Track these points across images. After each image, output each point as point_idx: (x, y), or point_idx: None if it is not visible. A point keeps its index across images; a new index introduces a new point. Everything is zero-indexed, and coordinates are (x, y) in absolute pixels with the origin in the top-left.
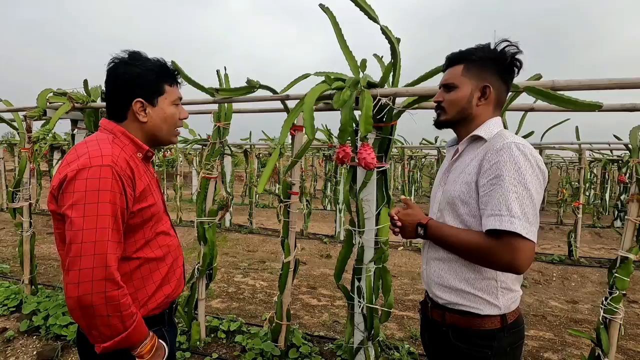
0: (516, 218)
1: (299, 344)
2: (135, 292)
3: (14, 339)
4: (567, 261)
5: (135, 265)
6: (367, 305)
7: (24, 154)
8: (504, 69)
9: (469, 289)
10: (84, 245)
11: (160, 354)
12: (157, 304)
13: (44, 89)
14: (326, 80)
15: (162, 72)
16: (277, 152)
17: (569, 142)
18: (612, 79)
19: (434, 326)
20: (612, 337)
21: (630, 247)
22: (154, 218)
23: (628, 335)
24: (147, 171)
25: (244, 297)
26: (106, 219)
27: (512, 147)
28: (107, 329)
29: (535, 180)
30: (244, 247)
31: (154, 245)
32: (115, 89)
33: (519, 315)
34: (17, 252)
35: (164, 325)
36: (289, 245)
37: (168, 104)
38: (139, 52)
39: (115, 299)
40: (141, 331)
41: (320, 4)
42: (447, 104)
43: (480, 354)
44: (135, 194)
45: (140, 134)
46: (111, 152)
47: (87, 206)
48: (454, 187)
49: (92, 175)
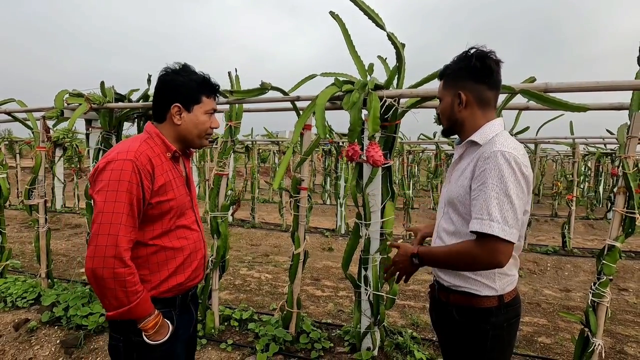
0: (495, 222)
1: (309, 330)
2: (150, 274)
3: (37, 329)
4: (561, 252)
5: (152, 251)
6: (374, 292)
7: (39, 152)
8: (476, 72)
9: (469, 273)
10: (101, 226)
11: (163, 332)
12: (168, 288)
13: (61, 90)
14: (336, 83)
15: (203, 85)
16: (290, 150)
17: (563, 137)
18: (599, 81)
19: (441, 305)
20: (600, 319)
21: (617, 236)
22: (173, 211)
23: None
24: (174, 169)
25: (250, 289)
26: (122, 205)
27: (497, 156)
28: (114, 300)
29: (516, 186)
30: (248, 241)
31: (173, 236)
32: (160, 93)
33: (515, 296)
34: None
35: (175, 309)
36: (299, 238)
37: (202, 113)
38: (189, 65)
39: (121, 275)
40: (145, 308)
41: (331, 12)
42: (440, 115)
43: (481, 328)
44: (153, 188)
45: (173, 135)
46: (136, 149)
47: (108, 193)
48: (454, 188)
49: (116, 167)
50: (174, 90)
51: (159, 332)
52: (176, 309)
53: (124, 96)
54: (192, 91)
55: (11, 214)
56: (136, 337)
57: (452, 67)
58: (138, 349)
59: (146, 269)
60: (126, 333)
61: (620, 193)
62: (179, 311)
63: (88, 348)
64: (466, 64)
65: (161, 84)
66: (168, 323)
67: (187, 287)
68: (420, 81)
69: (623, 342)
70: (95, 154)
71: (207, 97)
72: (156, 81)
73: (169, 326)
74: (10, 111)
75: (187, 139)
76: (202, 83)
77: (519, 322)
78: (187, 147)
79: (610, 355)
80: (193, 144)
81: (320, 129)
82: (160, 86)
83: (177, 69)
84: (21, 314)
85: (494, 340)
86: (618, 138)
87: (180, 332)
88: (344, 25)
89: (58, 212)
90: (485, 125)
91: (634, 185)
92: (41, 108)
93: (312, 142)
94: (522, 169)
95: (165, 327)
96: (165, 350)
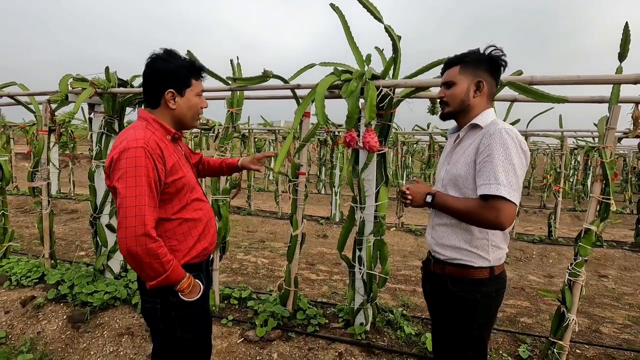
0: (502, 185)
1: (305, 308)
2: (178, 244)
3: (44, 305)
4: (546, 241)
5: (176, 224)
6: (367, 272)
7: (42, 135)
8: (493, 67)
9: (466, 246)
10: (127, 209)
11: (196, 290)
12: (196, 254)
13: (65, 75)
14: (335, 72)
15: (191, 69)
16: (291, 136)
17: (552, 130)
18: (580, 76)
19: (435, 277)
20: (575, 297)
21: (592, 220)
22: (186, 187)
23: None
24: (176, 150)
25: (247, 272)
26: (143, 188)
27: (502, 132)
28: (151, 271)
29: (518, 158)
30: (244, 227)
31: (190, 209)
32: (152, 80)
33: (503, 270)
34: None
35: (202, 272)
36: (297, 220)
37: (193, 95)
38: (174, 50)
39: (153, 250)
40: (178, 273)
41: (331, 4)
42: (449, 98)
43: (472, 297)
44: (166, 169)
45: (169, 119)
46: (143, 136)
47: (128, 179)
48: (456, 167)
49: (130, 155)
50: (166, 77)
51: (192, 291)
52: (203, 272)
53: (126, 81)
54: (183, 76)
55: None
56: (174, 297)
57: (473, 57)
58: (176, 308)
59: (175, 240)
60: (164, 296)
61: (598, 180)
62: (205, 273)
63: (94, 323)
64: (488, 59)
65: (152, 71)
66: (199, 283)
67: (210, 251)
68: (415, 72)
69: (599, 322)
70: (99, 137)
71: (196, 79)
72: (145, 68)
73: (200, 286)
74: (13, 94)
75: (182, 121)
76: (190, 67)
77: (504, 293)
78: (181, 129)
79: (587, 334)
80: (188, 125)
81: (320, 116)
82: (151, 73)
83: (164, 56)
84: (27, 292)
85: (483, 308)
86: (598, 129)
87: (205, 290)
88: (343, 17)
89: (54, 197)
90: (483, 112)
91: (610, 173)
92: (45, 92)
93: (311, 129)
94: (522, 145)
95: (197, 286)
96: (200, 305)
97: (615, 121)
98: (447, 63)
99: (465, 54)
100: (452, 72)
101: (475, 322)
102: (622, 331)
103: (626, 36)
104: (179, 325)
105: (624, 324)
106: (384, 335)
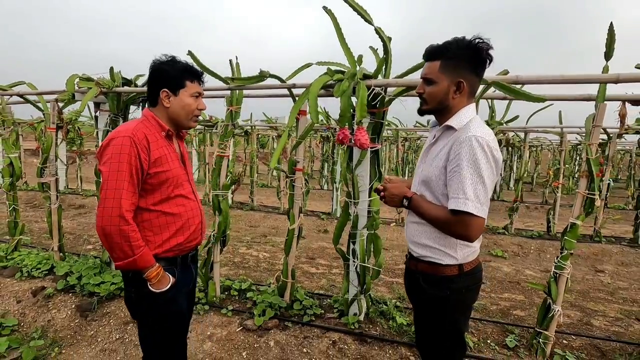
0: (469, 200)
1: (302, 299)
2: (153, 235)
3: (53, 295)
4: (545, 236)
5: (154, 216)
6: (361, 264)
7: (50, 133)
8: (477, 64)
9: (434, 245)
10: (108, 191)
11: (165, 281)
12: (169, 247)
13: (72, 75)
14: (328, 72)
15: (185, 71)
16: (286, 134)
17: (551, 126)
18: (564, 75)
19: (410, 273)
20: (560, 288)
21: (578, 215)
22: (170, 181)
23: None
24: (168, 146)
25: (249, 266)
26: (123, 174)
27: (472, 140)
28: (120, 252)
29: (487, 168)
30: (246, 222)
31: (172, 203)
32: (151, 80)
33: (476, 265)
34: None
35: (176, 267)
36: (294, 215)
37: (187, 96)
38: (175, 56)
39: (125, 232)
40: (147, 260)
41: (324, 6)
42: (427, 96)
43: (441, 293)
44: (150, 159)
45: (165, 116)
46: (133, 127)
47: (112, 164)
48: (429, 169)
49: (116, 143)
50: (161, 77)
51: (160, 281)
52: (177, 267)
53: (130, 81)
54: (177, 77)
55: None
56: (144, 288)
57: (454, 52)
58: (147, 298)
59: (150, 231)
60: (137, 285)
61: (583, 176)
62: (181, 269)
63: (101, 312)
64: (470, 54)
65: (151, 72)
66: (169, 275)
67: (187, 248)
68: (405, 72)
69: (591, 315)
70: (104, 135)
71: (191, 81)
72: (148, 70)
73: (169, 278)
74: (22, 93)
75: (176, 120)
76: (184, 70)
77: (480, 287)
78: (179, 128)
79: (578, 326)
80: (182, 124)
81: (313, 115)
82: (150, 74)
83: (164, 59)
84: (37, 283)
85: (454, 304)
86: (585, 127)
87: (180, 285)
88: (335, 19)
89: (62, 193)
90: (460, 111)
91: (595, 169)
92: (53, 91)
93: (307, 127)
94: (492, 152)
95: (166, 278)
96: (169, 298)
97: (602, 119)
98: (428, 53)
99: (448, 47)
100: (432, 68)
101: (448, 317)
102: (612, 324)
103: (611, 36)
104: (151, 315)
105: (616, 317)
106: (376, 325)
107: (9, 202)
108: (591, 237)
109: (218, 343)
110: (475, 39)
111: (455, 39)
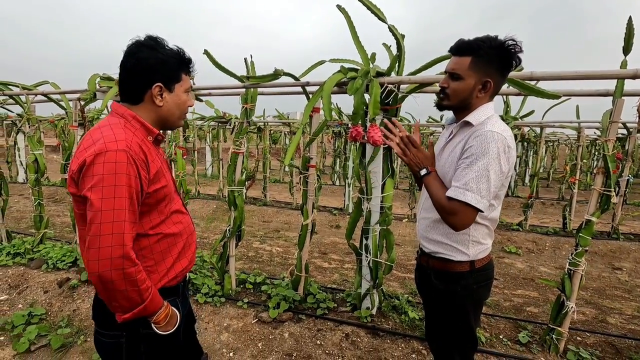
0: (469, 191)
1: (315, 292)
2: (155, 264)
3: (78, 286)
4: (561, 233)
5: (154, 240)
6: (373, 259)
7: (72, 130)
8: (506, 66)
9: (447, 241)
10: (102, 226)
11: (173, 321)
12: (175, 275)
13: (93, 74)
14: (341, 70)
15: (182, 62)
16: (300, 131)
17: (568, 121)
18: (579, 71)
19: (422, 269)
20: (574, 285)
21: (594, 212)
22: (167, 198)
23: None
24: (158, 154)
25: (262, 260)
26: (122, 200)
27: (487, 135)
28: (126, 301)
29: (496, 164)
30: (260, 217)
31: (170, 222)
32: (136, 72)
33: (488, 262)
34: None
35: (178, 297)
36: (307, 210)
37: (182, 91)
38: (160, 37)
39: (132, 275)
40: (156, 302)
41: (338, 5)
42: (451, 91)
43: (452, 289)
44: (149, 177)
45: (153, 117)
46: (124, 137)
47: (104, 189)
48: (444, 165)
49: (108, 159)
50: (154, 69)
51: (169, 322)
52: (179, 297)
53: None
54: (173, 69)
55: (19, 189)
56: (145, 329)
57: (486, 51)
58: (146, 340)
59: (151, 259)
60: (132, 327)
61: (600, 173)
62: (181, 297)
63: None
64: (501, 54)
65: (136, 61)
66: (176, 312)
67: (188, 271)
68: (419, 68)
69: (607, 313)
70: None
71: (186, 74)
72: (125, 57)
73: (177, 315)
74: (47, 93)
75: (168, 121)
76: (181, 59)
77: (491, 284)
78: (165, 129)
79: (593, 323)
80: (173, 125)
81: (326, 112)
82: (135, 64)
83: (151, 43)
84: (62, 274)
85: (464, 300)
86: (602, 123)
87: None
88: (349, 17)
89: None
90: (480, 108)
91: (612, 166)
92: (75, 90)
93: (320, 124)
94: (506, 149)
95: (174, 316)
96: (172, 334)
97: (619, 115)
98: (459, 47)
99: (480, 44)
100: (461, 64)
101: (459, 313)
102: (629, 322)
103: (630, 30)
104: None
105: (633, 315)
106: (389, 319)
107: (34, 197)
108: (609, 234)
109: (234, 334)
110: (507, 40)
111: (487, 37)
